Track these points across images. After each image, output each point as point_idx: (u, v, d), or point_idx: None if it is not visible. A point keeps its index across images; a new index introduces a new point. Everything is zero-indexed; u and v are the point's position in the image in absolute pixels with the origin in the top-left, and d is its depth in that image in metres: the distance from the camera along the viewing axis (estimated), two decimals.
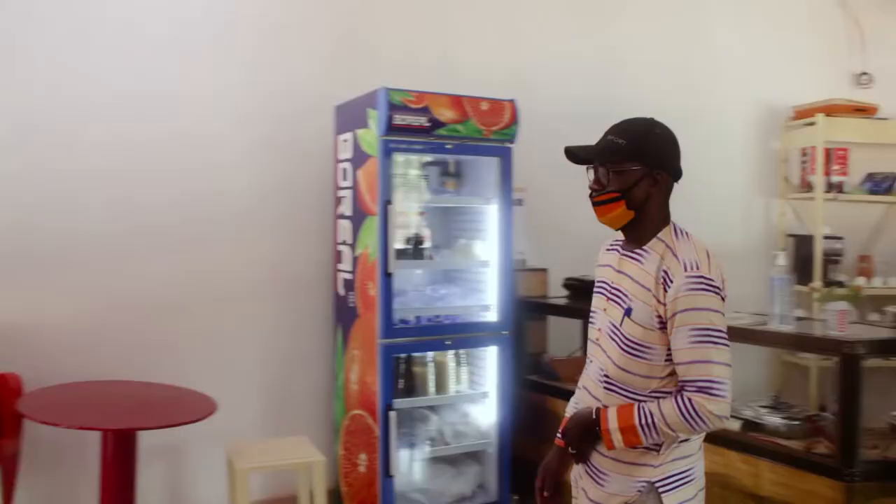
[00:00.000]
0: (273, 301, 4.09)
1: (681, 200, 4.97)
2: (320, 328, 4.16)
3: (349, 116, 3.85)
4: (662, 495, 1.90)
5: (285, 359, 4.13)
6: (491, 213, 3.91)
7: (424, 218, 3.96)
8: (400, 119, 3.52)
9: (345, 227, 3.88)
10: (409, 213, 3.84)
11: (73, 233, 3.67)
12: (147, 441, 3.28)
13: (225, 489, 3.60)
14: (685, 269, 1.85)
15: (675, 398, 1.83)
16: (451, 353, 3.90)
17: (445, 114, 3.64)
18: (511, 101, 3.84)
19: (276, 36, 4.09)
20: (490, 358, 3.92)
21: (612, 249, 2.08)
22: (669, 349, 1.87)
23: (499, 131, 3.77)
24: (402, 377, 3.78)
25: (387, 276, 3.54)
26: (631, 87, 4.88)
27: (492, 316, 3.90)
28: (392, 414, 3.58)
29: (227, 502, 3.56)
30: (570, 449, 2.03)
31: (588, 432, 1.95)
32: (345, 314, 3.90)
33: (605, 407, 1.94)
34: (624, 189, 1.92)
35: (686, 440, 1.93)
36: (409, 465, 3.84)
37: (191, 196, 3.91)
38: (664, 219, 1.99)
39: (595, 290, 2.09)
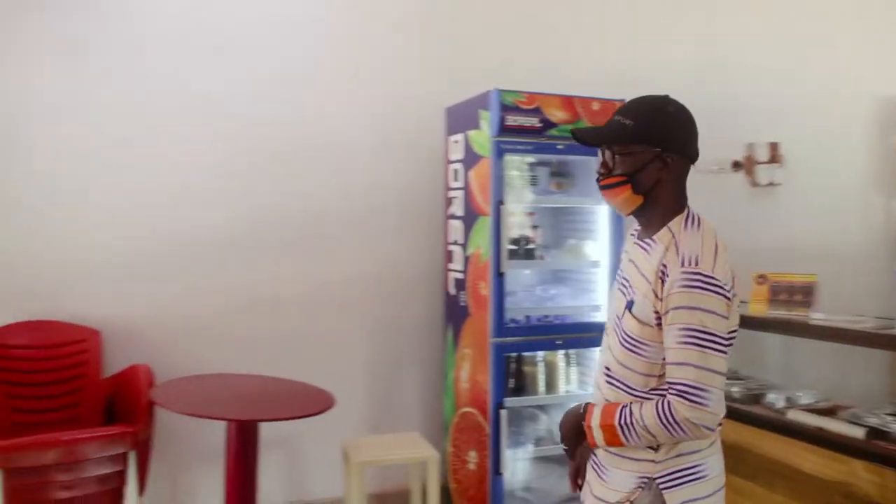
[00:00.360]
0: (384, 300, 4.18)
1: (796, 197, 4.94)
2: (430, 327, 4.23)
3: (460, 118, 3.90)
4: (664, 492, 1.77)
5: (396, 356, 4.22)
6: (601, 214, 3.90)
7: (533, 218, 3.97)
8: (512, 120, 3.56)
9: (456, 227, 3.93)
10: (517, 213, 3.86)
11: (199, 235, 3.87)
12: (265, 432, 3.40)
13: (338, 481, 3.71)
14: (682, 265, 1.70)
15: (657, 401, 1.72)
16: (560, 353, 3.90)
17: (557, 114, 3.65)
18: (622, 101, 3.78)
19: (387, 41, 4.19)
20: None
21: (632, 235, 1.95)
22: None
23: None
24: (512, 376, 3.80)
25: (499, 275, 3.57)
26: (743, 85, 4.77)
27: (602, 316, 3.87)
28: (503, 412, 3.61)
29: (342, 494, 3.66)
30: (563, 445, 1.95)
31: (576, 428, 1.86)
32: (455, 313, 3.95)
33: (593, 404, 1.86)
34: (630, 172, 1.79)
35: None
36: (518, 463, 3.87)
37: (309, 199, 4.05)
38: (678, 205, 1.83)
39: (616, 277, 1.99)
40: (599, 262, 3.90)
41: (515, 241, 3.82)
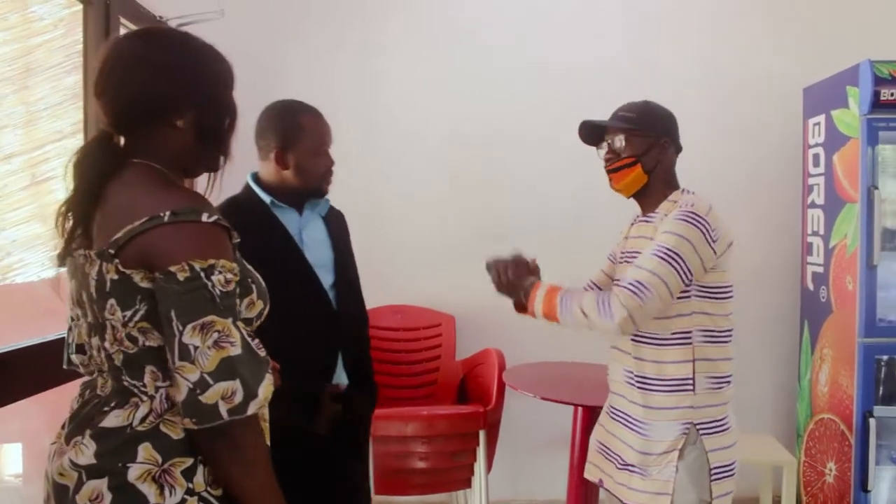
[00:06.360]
0: (736, 294, 3.96)
1: None
2: (784, 324, 3.95)
3: (821, 97, 3.58)
4: (703, 437, 2.01)
5: (747, 354, 3.94)
6: None
7: None
8: (888, 94, 3.17)
9: (816, 216, 3.61)
10: (893, 199, 3.44)
11: (546, 227, 3.98)
12: None
13: None
14: (680, 208, 2.01)
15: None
16: None
17: None
18: None
19: (736, 20, 3.99)
20: None
21: (632, 225, 2.26)
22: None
23: None
24: (882, 382, 3.40)
25: (870, 268, 3.22)
26: None
27: None
28: (872, 421, 3.24)
29: None
30: (498, 289, 2.23)
31: (516, 295, 2.19)
32: (814, 310, 3.63)
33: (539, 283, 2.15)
34: (638, 154, 2.11)
35: (720, 387, 2.04)
36: (886, 483, 3.45)
37: None
38: (674, 185, 2.17)
39: (615, 258, 2.32)
40: None
41: (890, 231, 3.41)
